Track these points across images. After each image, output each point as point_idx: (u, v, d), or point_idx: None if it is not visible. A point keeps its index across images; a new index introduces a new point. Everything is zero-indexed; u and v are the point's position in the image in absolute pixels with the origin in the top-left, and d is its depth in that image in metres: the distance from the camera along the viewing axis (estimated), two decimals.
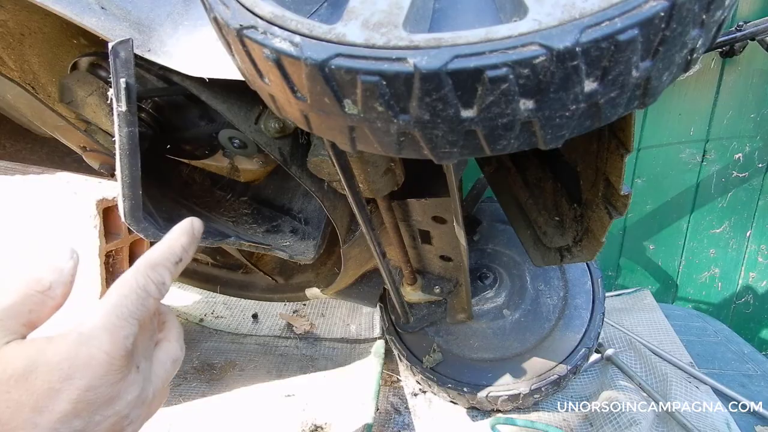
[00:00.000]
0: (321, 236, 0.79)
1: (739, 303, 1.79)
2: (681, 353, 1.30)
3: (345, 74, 0.32)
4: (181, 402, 1.12)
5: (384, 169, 0.65)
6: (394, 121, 0.33)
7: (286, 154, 0.64)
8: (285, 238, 0.80)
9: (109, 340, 0.38)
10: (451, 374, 1.08)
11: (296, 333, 1.41)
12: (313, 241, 0.80)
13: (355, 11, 0.33)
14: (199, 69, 0.55)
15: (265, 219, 0.61)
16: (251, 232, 0.79)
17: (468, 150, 0.35)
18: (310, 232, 0.81)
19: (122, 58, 0.51)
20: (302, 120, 0.38)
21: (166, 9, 0.58)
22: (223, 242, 0.69)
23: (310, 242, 0.80)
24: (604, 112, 0.33)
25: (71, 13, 0.54)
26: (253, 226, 0.79)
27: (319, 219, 0.81)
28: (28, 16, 0.70)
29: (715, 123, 1.60)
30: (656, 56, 0.31)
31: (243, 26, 0.35)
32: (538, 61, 0.29)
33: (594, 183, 0.67)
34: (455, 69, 0.30)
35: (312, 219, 0.82)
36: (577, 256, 0.80)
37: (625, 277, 1.83)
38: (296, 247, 0.79)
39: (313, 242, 0.79)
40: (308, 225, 0.82)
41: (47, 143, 1.05)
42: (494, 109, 0.32)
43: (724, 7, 0.32)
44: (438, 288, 0.98)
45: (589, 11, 0.29)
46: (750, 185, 1.65)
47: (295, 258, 0.78)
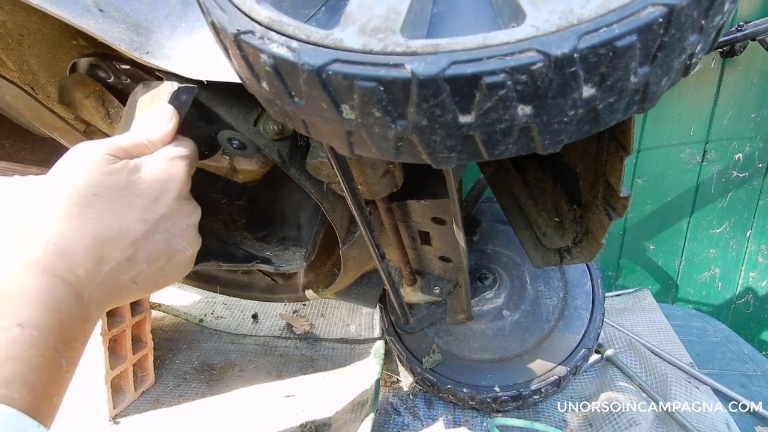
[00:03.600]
0: (311, 245, 0.78)
1: (739, 303, 1.79)
2: (681, 353, 1.30)
3: (342, 80, 0.32)
4: (181, 402, 1.12)
5: (383, 171, 0.65)
6: (392, 126, 0.33)
7: (285, 155, 0.64)
8: (270, 248, 0.78)
9: (185, 164, 0.53)
10: (450, 375, 1.08)
11: (296, 333, 1.41)
12: (303, 249, 0.79)
13: (352, 16, 0.33)
14: (197, 71, 0.55)
15: (256, 227, 0.60)
16: (241, 238, 0.78)
17: (466, 155, 0.35)
18: (301, 239, 0.80)
19: (181, 101, 0.55)
20: (300, 125, 0.38)
21: (164, 11, 0.57)
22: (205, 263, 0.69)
23: (299, 251, 0.79)
24: (602, 117, 0.33)
25: (69, 15, 0.54)
26: (245, 233, 0.79)
27: (310, 227, 0.80)
28: (26, 17, 0.70)
29: (715, 123, 1.60)
30: (655, 62, 0.31)
31: (240, 31, 0.35)
32: (535, 67, 0.29)
33: (593, 185, 0.67)
34: (453, 75, 0.30)
35: (304, 226, 0.81)
36: (576, 257, 0.80)
37: (625, 277, 1.83)
38: (282, 256, 0.78)
39: (302, 251, 0.79)
40: (300, 231, 0.81)
41: (47, 144, 1.05)
42: (492, 115, 0.32)
43: (723, 12, 0.32)
44: (438, 289, 0.98)
45: (587, 17, 0.29)
46: (750, 185, 1.65)
47: (282, 269, 0.77)
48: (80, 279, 0.43)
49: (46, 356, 0.39)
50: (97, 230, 0.45)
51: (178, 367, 1.25)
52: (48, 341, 0.39)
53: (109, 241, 0.46)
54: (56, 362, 0.40)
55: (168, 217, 0.50)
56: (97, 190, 0.46)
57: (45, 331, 0.39)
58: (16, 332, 0.38)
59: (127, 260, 0.47)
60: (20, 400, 0.36)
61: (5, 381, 0.36)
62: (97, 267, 0.45)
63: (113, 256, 0.46)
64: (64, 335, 0.41)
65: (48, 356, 0.39)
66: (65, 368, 0.41)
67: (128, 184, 0.48)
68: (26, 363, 0.38)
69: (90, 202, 0.46)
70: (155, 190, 0.50)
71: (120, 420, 1.06)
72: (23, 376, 0.37)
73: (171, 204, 0.51)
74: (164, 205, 0.50)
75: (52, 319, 0.40)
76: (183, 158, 0.53)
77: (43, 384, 0.38)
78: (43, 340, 0.39)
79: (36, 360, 0.38)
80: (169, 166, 0.51)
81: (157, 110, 0.54)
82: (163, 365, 1.25)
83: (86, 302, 0.44)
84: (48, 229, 0.44)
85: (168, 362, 1.27)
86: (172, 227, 0.51)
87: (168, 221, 0.51)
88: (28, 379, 0.37)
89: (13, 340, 0.38)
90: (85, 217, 0.45)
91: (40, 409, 0.37)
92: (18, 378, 0.37)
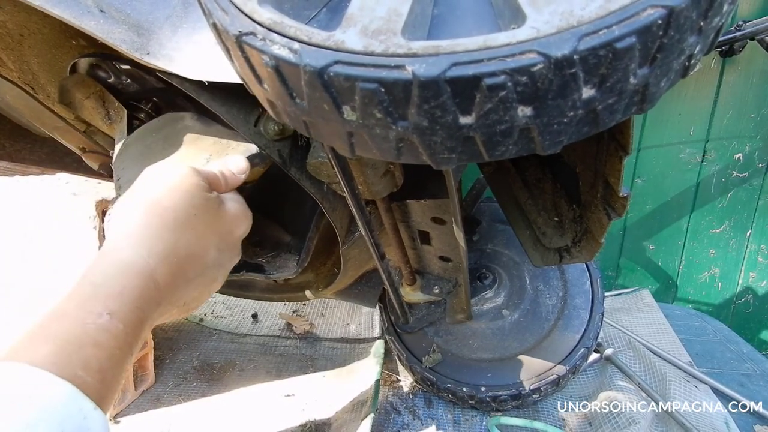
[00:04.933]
0: (305, 251, 0.78)
1: (739, 303, 1.79)
2: (680, 353, 1.31)
3: (344, 81, 0.32)
4: (181, 402, 1.12)
5: (383, 171, 0.65)
6: (393, 127, 0.33)
7: (285, 156, 0.64)
8: (263, 254, 0.78)
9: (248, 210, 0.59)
10: (450, 374, 1.08)
11: (296, 333, 1.41)
12: (296, 256, 0.79)
13: (354, 18, 0.33)
14: (198, 72, 0.55)
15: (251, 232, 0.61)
16: None
17: (466, 156, 0.35)
18: (294, 245, 0.80)
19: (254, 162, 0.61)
20: (301, 125, 0.38)
21: (165, 12, 0.57)
22: None
23: (292, 258, 0.79)
24: (601, 118, 0.33)
25: (70, 16, 0.54)
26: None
27: (304, 233, 0.79)
28: (27, 18, 0.70)
29: (715, 123, 1.60)
30: (654, 63, 0.31)
31: (242, 32, 0.35)
32: (536, 68, 0.29)
33: (593, 184, 0.68)
34: (453, 76, 0.30)
35: (297, 232, 0.81)
36: (576, 256, 0.80)
37: (625, 276, 1.83)
38: (275, 263, 0.78)
39: (295, 257, 0.78)
40: (294, 237, 0.80)
41: (47, 144, 1.05)
42: (492, 116, 0.32)
43: (721, 13, 0.32)
44: (437, 288, 0.98)
45: (587, 19, 0.29)
46: (750, 185, 1.65)
47: (273, 277, 0.77)
48: (161, 288, 0.47)
49: (122, 350, 0.42)
50: (189, 248, 0.49)
51: (178, 367, 1.25)
52: (128, 336, 0.42)
53: (191, 259, 0.50)
54: (127, 359, 0.43)
55: (230, 250, 0.56)
56: (198, 212, 0.51)
57: (128, 326, 0.43)
58: (105, 320, 0.41)
59: (193, 281, 0.51)
60: (92, 386, 0.38)
61: (84, 364, 0.39)
62: (177, 280, 0.48)
63: (188, 276, 0.50)
64: (138, 335, 0.44)
65: (124, 351, 0.42)
66: (128, 368, 0.44)
67: (216, 214, 0.53)
68: (106, 352, 0.40)
69: (189, 221, 0.50)
70: (232, 225, 0.55)
71: (120, 419, 1.06)
72: (100, 363, 0.40)
73: (237, 241, 0.56)
74: (233, 240, 0.56)
75: (135, 317, 0.43)
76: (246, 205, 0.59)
77: (112, 376, 0.41)
78: (125, 334, 0.42)
79: (114, 352, 0.41)
80: (244, 208, 0.58)
81: (233, 159, 0.60)
82: (163, 364, 1.25)
83: (157, 313, 0.47)
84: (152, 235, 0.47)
85: (168, 361, 1.27)
86: (228, 262, 0.56)
87: (229, 253, 0.55)
88: (104, 368, 0.40)
89: (102, 327, 0.41)
90: (181, 232, 0.49)
91: (104, 399, 0.40)
92: (95, 364, 0.39)
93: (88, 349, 0.39)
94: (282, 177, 0.66)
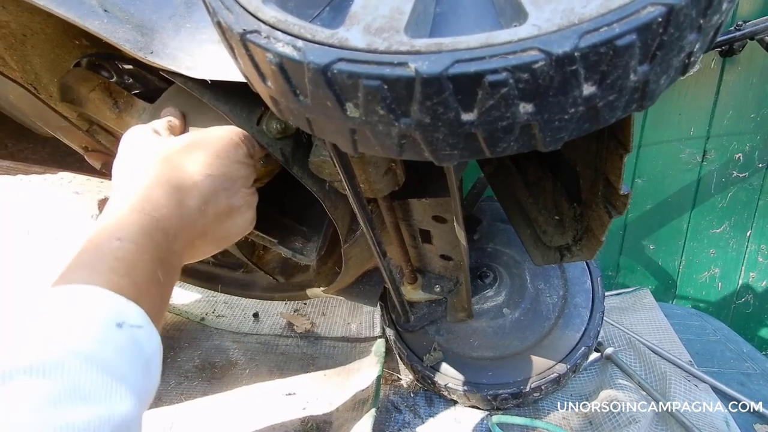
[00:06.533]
0: (322, 238, 0.79)
1: (739, 303, 1.79)
2: (680, 352, 1.31)
3: (347, 78, 0.32)
4: (183, 401, 1.12)
5: (385, 169, 0.65)
6: (396, 124, 0.34)
7: (287, 154, 0.64)
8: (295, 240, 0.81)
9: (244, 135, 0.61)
10: (451, 373, 1.09)
11: (297, 332, 1.41)
12: (313, 243, 0.80)
13: (357, 16, 0.33)
14: (201, 71, 0.55)
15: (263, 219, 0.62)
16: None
17: (468, 152, 0.36)
18: (310, 234, 0.81)
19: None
20: (304, 123, 0.39)
21: (168, 11, 0.58)
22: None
23: (311, 244, 0.80)
24: (602, 115, 0.34)
25: (74, 16, 0.54)
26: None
27: (320, 222, 0.81)
28: (30, 18, 0.70)
29: (715, 122, 1.60)
30: (654, 60, 0.32)
31: (246, 31, 0.35)
32: (537, 65, 0.30)
33: (593, 183, 0.68)
34: (456, 73, 0.30)
35: (312, 222, 0.82)
36: (576, 255, 0.80)
37: (625, 276, 1.84)
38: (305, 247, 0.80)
39: (313, 244, 0.80)
40: (308, 227, 0.82)
41: (49, 143, 1.05)
42: (494, 113, 0.32)
43: (721, 11, 0.33)
44: (438, 287, 0.99)
45: (588, 17, 0.30)
46: (750, 185, 1.65)
47: (296, 258, 0.78)
48: (164, 216, 0.51)
49: (144, 261, 0.47)
50: (173, 181, 0.54)
51: (179, 366, 1.25)
52: (144, 253, 0.48)
53: (183, 189, 0.54)
54: (153, 271, 0.48)
55: (228, 177, 0.58)
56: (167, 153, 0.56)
57: (140, 245, 0.48)
58: (116, 244, 0.47)
59: (199, 209, 0.55)
60: (125, 286, 0.44)
61: (111, 269, 0.45)
62: (176, 210, 0.53)
63: (187, 203, 0.54)
64: (156, 255, 0.49)
65: (145, 262, 0.47)
66: (162, 281, 0.49)
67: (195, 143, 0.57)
68: (128, 263, 0.46)
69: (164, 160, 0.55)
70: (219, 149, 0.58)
71: None
72: (126, 270, 0.45)
73: (231, 165, 0.58)
74: (224, 164, 0.58)
75: (145, 239, 0.48)
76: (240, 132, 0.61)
77: (143, 281, 0.46)
78: (140, 252, 0.47)
79: (136, 263, 0.47)
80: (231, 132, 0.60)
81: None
82: (164, 364, 1.24)
83: (172, 237, 0.52)
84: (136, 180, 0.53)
85: (169, 361, 1.27)
86: (232, 187, 0.58)
87: (228, 182, 0.58)
88: (131, 273, 0.45)
89: (116, 247, 0.46)
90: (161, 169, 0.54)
91: (141, 300, 0.45)
92: (121, 269, 0.45)
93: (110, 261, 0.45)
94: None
